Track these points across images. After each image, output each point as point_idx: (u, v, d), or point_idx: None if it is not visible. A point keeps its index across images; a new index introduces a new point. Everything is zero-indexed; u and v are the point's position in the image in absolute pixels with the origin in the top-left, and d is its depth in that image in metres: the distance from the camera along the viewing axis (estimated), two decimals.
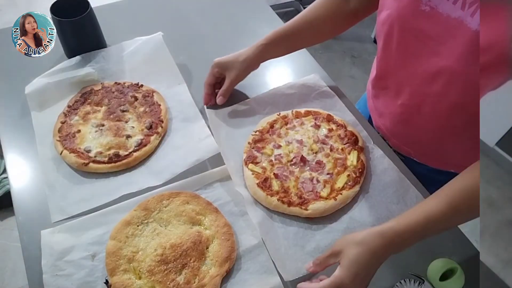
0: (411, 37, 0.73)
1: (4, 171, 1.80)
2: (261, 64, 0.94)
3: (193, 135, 0.90)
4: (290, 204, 0.77)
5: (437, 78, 0.73)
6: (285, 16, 2.87)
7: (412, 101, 0.82)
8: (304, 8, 2.76)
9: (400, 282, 0.69)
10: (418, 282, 0.69)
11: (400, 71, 0.81)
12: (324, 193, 0.79)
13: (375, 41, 2.78)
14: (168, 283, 0.68)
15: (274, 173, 0.82)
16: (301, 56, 1.10)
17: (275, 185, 0.80)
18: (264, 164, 0.84)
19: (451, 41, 0.67)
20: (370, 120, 1.01)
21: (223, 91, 0.93)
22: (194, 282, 0.68)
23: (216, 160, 0.84)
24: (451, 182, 0.67)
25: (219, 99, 0.94)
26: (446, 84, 0.72)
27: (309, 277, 0.70)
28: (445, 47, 0.69)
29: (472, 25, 0.63)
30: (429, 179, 0.85)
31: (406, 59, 0.77)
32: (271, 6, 1.26)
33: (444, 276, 0.68)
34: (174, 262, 0.70)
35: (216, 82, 0.96)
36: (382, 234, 0.62)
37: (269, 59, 0.95)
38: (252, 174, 0.82)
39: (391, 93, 0.87)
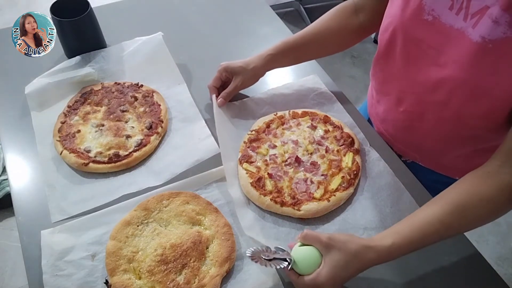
0: (413, 45, 0.73)
1: (4, 173, 1.80)
2: None
3: (193, 135, 0.90)
4: (283, 204, 0.77)
5: (440, 87, 0.72)
6: (285, 16, 2.87)
7: (414, 108, 0.82)
8: (304, 8, 2.77)
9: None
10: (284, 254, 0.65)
11: (402, 78, 0.81)
12: (318, 194, 0.79)
13: (375, 41, 2.78)
14: (168, 283, 0.68)
15: (268, 173, 0.82)
16: None
17: (269, 185, 0.80)
18: (258, 164, 0.84)
19: (453, 51, 0.67)
20: (370, 123, 1.00)
21: (226, 94, 0.93)
22: (194, 282, 0.68)
23: (216, 160, 0.84)
24: (444, 194, 0.66)
25: (220, 101, 0.93)
26: (449, 93, 0.72)
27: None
28: (447, 57, 0.69)
29: (473, 37, 0.63)
30: (434, 189, 0.83)
31: (407, 68, 0.77)
32: (271, 6, 1.26)
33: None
34: (174, 262, 0.70)
35: (221, 86, 0.95)
36: (378, 252, 0.61)
37: (276, 68, 0.95)
38: (246, 173, 0.82)
39: (393, 100, 0.87)
